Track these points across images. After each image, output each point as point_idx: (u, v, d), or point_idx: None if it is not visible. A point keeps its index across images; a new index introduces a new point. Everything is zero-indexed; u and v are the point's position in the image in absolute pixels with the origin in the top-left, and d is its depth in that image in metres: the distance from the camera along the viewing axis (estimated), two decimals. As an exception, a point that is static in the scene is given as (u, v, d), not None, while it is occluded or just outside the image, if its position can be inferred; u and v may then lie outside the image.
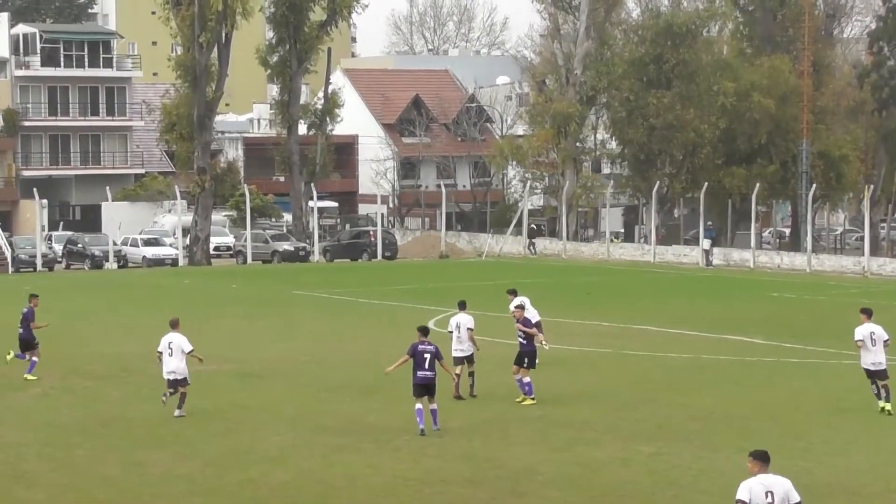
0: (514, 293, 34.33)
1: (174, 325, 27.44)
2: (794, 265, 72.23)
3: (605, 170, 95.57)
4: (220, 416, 27.24)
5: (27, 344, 32.38)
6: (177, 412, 26.95)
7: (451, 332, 29.22)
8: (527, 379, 28.42)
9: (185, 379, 26.92)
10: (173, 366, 26.79)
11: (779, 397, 29.70)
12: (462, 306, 29.74)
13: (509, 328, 30.12)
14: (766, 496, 15.09)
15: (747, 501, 15.16)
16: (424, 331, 25.82)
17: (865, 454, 23.80)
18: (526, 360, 28.38)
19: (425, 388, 25.20)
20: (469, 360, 29.05)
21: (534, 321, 33.70)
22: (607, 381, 31.97)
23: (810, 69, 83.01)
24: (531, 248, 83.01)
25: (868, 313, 27.97)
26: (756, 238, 76.66)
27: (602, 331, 42.44)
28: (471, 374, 29.21)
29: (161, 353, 27.01)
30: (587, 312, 47.62)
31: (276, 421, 26.69)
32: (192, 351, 27.03)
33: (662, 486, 21.43)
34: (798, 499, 15.21)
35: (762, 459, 15.32)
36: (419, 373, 25.15)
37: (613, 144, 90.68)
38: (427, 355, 25.13)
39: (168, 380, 26.95)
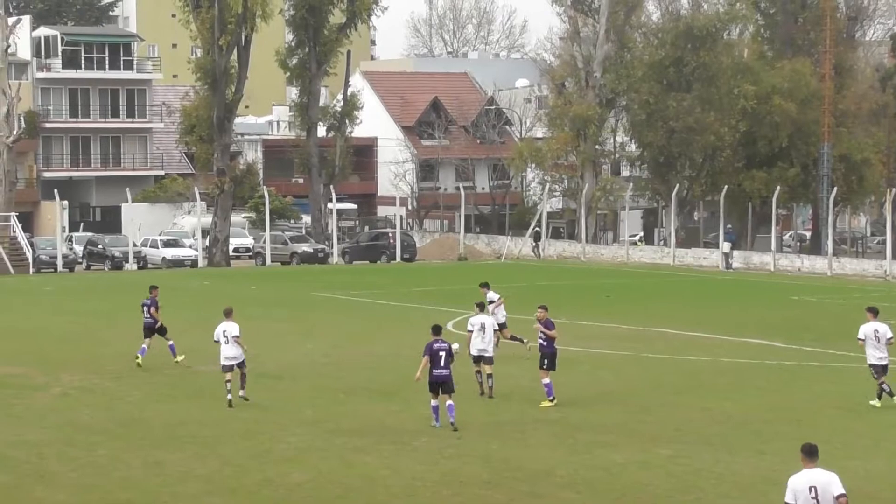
0: (486, 286, 35.90)
1: (228, 314, 28.85)
2: (815, 268, 72.03)
3: (625, 172, 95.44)
4: (239, 416, 27.24)
5: (153, 331, 34.24)
6: (241, 392, 28.29)
7: (471, 331, 29.40)
8: (546, 380, 28.40)
9: (243, 361, 28.36)
10: (232, 352, 28.26)
11: (799, 401, 29.61)
12: (481, 307, 30.20)
13: (527, 330, 30.05)
14: (811, 491, 15.00)
15: (793, 502, 15.06)
16: (437, 330, 26.23)
17: (886, 458, 23.71)
18: (546, 361, 28.39)
19: (440, 386, 25.67)
20: (489, 360, 29.22)
21: (502, 319, 34.62)
22: (626, 384, 31.91)
23: (832, 72, 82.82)
24: (535, 249, 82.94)
25: (874, 312, 29.01)
26: (776, 241, 76.52)
27: (621, 333, 42.35)
28: (489, 376, 29.27)
29: (218, 341, 28.46)
30: (606, 315, 47.56)
31: (294, 422, 26.70)
32: (238, 338, 28.29)
33: (681, 489, 21.37)
34: (840, 491, 15.06)
35: (807, 453, 15.33)
36: (434, 371, 25.59)
37: (633, 147, 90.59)
38: (442, 353, 25.62)
39: (225, 365, 28.31)
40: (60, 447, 24.37)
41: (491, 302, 34.78)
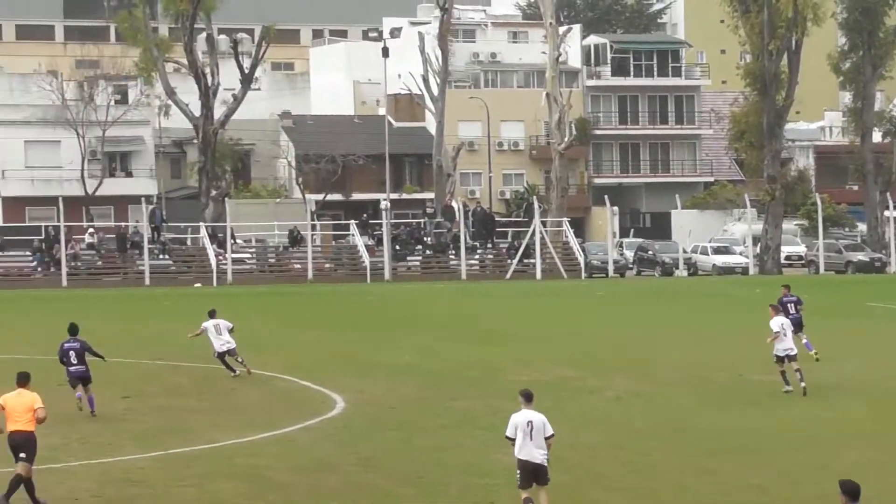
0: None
1: (777, 311, 30.99)
2: None
3: None
4: (794, 427, 26.55)
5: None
6: (801, 384, 29.72)
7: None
8: None
9: (796, 354, 30.18)
10: (788, 344, 29.87)
11: None
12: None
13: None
14: None
15: None
16: None
17: None
18: None
19: None
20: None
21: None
22: None
23: None
24: None
25: None
26: None
27: None
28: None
29: (778, 333, 29.94)
30: None
31: (853, 436, 25.66)
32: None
33: None
34: None
35: None
36: None
37: None
38: None
39: (778, 356, 29.95)
40: (614, 450, 24.48)
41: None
